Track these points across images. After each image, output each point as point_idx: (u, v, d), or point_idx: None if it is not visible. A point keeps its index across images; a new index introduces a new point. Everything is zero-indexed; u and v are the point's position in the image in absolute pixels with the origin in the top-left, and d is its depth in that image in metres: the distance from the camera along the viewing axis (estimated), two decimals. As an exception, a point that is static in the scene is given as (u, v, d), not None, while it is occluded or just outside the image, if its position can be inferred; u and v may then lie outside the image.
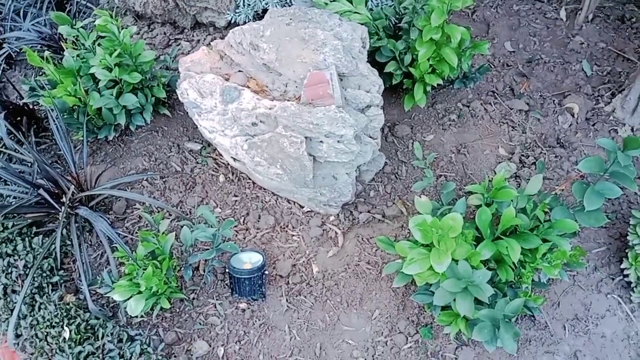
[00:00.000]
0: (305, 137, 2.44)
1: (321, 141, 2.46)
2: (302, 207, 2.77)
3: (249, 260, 2.36)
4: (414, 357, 2.26)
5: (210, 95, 2.55)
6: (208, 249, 2.22)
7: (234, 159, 2.74)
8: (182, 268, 2.33)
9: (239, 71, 2.63)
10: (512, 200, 2.14)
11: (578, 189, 2.01)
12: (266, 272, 2.38)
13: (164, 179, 2.82)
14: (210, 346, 2.30)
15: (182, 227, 2.28)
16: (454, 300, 1.95)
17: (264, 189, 2.81)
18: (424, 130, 3.05)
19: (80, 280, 2.34)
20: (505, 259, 1.96)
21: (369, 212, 2.74)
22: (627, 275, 2.39)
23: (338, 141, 2.45)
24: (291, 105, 2.40)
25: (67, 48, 2.71)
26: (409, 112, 3.09)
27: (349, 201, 2.74)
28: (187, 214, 2.69)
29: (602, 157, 2.02)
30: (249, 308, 2.41)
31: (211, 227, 2.23)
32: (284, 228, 2.69)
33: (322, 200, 2.68)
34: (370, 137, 2.65)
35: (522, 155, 2.93)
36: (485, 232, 2.04)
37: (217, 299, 2.43)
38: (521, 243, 2.03)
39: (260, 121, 2.48)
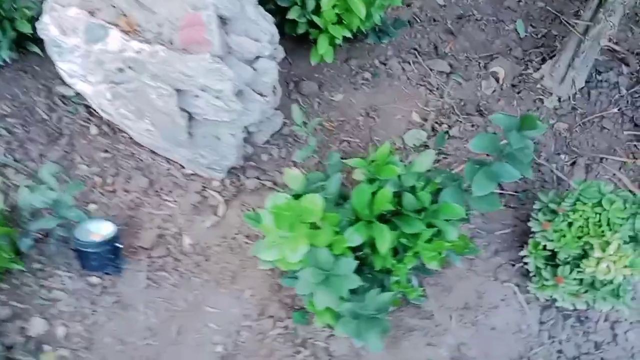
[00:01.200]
0: (178, 90, 2.09)
1: (197, 95, 2.11)
2: (184, 167, 2.44)
3: (97, 230, 2.04)
4: (279, 345, 2.02)
5: (73, 32, 2.14)
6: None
7: (103, 110, 2.36)
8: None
9: (112, 6, 2.21)
10: (399, 178, 1.87)
11: (469, 170, 1.73)
12: (119, 245, 2.06)
13: (26, 128, 2.43)
14: (49, 325, 2.00)
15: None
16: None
17: (141, 146, 2.46)
18: (333, 88, 2.72)
19: None
20: (377, 245, 1.69)
21: (258, 178, 2.43)
22: (526, 263, 2.18)
23: (216, 97, 2.10)
24: (161, 51, 2.03)
25: None
26: (319, 67, 2.74)
27: (235, 165, 2.42)
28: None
29: (499, 135, 1.75)
30: (100, 283, 2.10)
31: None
32: (158, 192, 2.37)
33: (203, 163, 2.35)
34: (260, 94, 2.30)
35: (436, 122, 2.65)
36: (363, 213, 1.76)
37: (66, 271, 2.11)
38: (404, 227, 1.77)
39: (129, 67, 2.10)
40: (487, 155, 1.84)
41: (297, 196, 1.73)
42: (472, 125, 2.63)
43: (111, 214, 2.27)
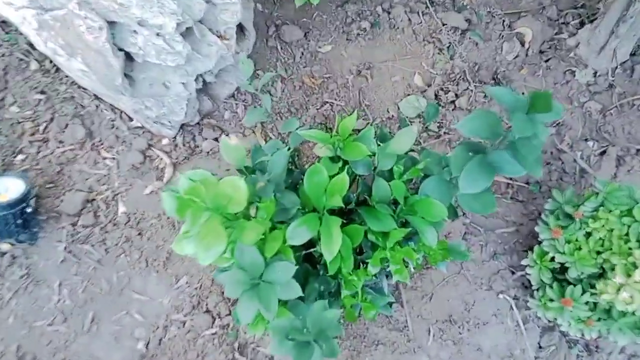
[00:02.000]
0: (110, 22, 1.67)
1: (135, 31, 1.69)
2: (131, 120, 2.04)
3: (4, 190, 1.67)
4: (212, 349, 1.66)
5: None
6: None
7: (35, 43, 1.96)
8: None
9: None
10: (373, 157, 1.44)
11: (458, 157, 1.29)
12: (28, 209, 1.69)
13: (-48, 59, 2.04)
14: (-58, 298, 1.68)
15: None
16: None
17: (85, 89, 2.05)
18: (322, 37, 2.26)
19: None
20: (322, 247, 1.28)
21: (216, 140, 2.02)
22: (529, 274, 1.76)
23: (157, 34, 1.68)
24: (91, -30, 1.60)
25: None
26: (307, 10, 2.28)
27: (189, 122, 2.02)
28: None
29: (496, 115, 1.30)
30: (10, 252, 1.75)
31: None
32: (96, 146, 1.98)
33: (150, 116, 1.95)
34: (219, 35, 1.86)
35: (442, 89, 2.18)
36: (317, 202, 1.33)
37: (-28, 234, 1.76)
38: (371, 222, 1.35)
39: (56, -11, 1.68)
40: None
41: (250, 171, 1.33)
42: (485, 96, 2.16)
43: (38, 167, 1.90)
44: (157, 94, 1.88)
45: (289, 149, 1.41)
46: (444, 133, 2.08)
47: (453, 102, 2.14)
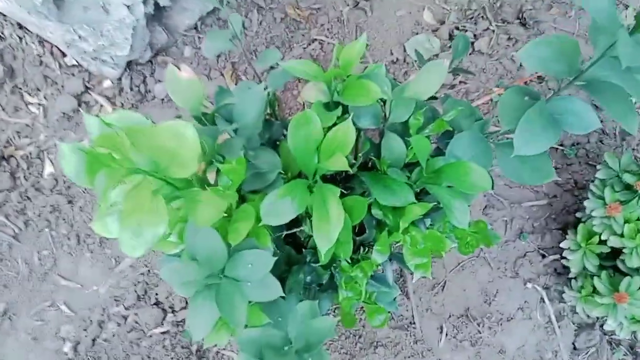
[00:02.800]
0: None
1: None
2: (65, 56, 1.59)
3: None
4: (162, 353, 1.27)
5: None
6: None
7: None
8: None
9: None
10: (381, 104, 1.03)
11: (508, 104, 0.88)
12: None
13: None
14: None
15: None
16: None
17: (5, 16, 1.59)
18: (312, -42, 1.81)
19: None
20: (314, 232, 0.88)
21: (174, 82, 1.59)
22: (566, 258, 1.39)
23: None
24: None
25: None
26: None
27: (138, 59, 1.57)
28: None
29: (576, 42, 0.89)
30: None
31: None
32: (18, 87, 1.53)
33: (87, 50, 1.50)
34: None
35: (457, 28, 1.77)
36: (306, 165, 0.92)
37: None
38: (380, 193, 0.95)
39: None
40: (540, 80, 0.98)
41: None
42: (509, 38, 1.76)
43: (-60, 115, 1.46)
44: (93, 20, 1.44)
45: (266, 89, 0.99)
46: (460, 82, 1.68)
47: (471, 44, 1.73)
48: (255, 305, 0.94)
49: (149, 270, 1.35)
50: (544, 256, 1.49)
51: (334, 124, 0.92)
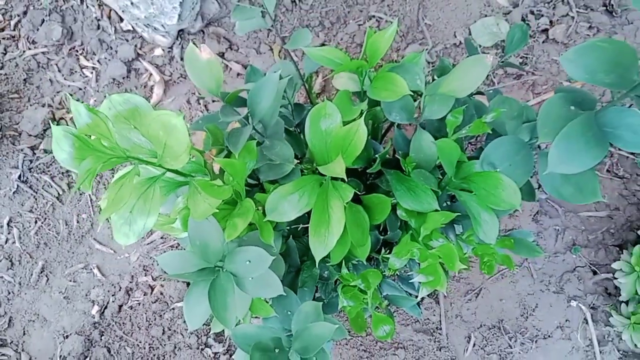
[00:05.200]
0: None
1: None
2: (122, 21, 1.61)
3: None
4: (181, 327, 1.29)
5: None
6: None
7: None
8: None
9: None
10: (415, 96, 0.96)
11: (552, 112, 0.78)
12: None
13: None
14: None
15: None
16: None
17: (69, -22, 1.63)
18: None
19: None
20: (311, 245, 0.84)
21: (222, 55, 1.57)
22: (618, 279, 1.26)
23: None
24: None
25: None
26: None
27: (189, 29, 1.56)
28: None
29: (633, 49, 0.76)
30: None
31: None
32: (75, 50, 1.58)
33: (140, 17, 1.51)
34: None
35: (531, 12, 1.61)
36: (322, 159, 0.87)
37: None
38: (402, 195, 0.88)
39: None
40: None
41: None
42: (590, 27, 1.58)
43: (2, 72, 1.53)
44: (145, -13, 1.43)
45: (286, 77, 0.94)
46: (528, 72, 1.54)
47: (545, 31, 1.57)
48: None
49: (178, 244, 1.36)
50: (595, 273, 1.36)
51: (353, 120, 0.86)
